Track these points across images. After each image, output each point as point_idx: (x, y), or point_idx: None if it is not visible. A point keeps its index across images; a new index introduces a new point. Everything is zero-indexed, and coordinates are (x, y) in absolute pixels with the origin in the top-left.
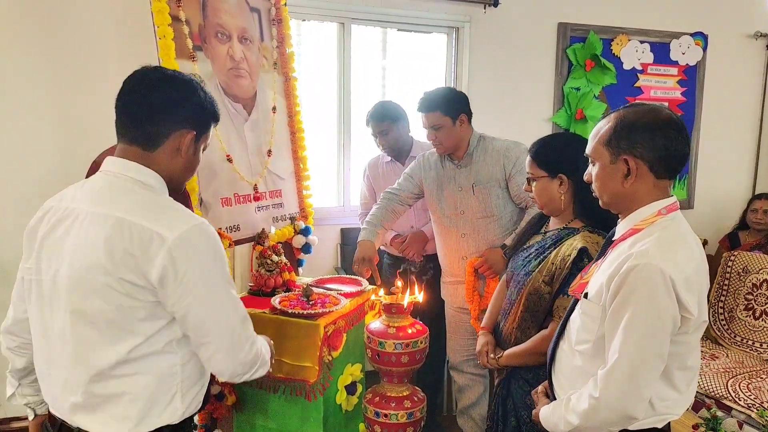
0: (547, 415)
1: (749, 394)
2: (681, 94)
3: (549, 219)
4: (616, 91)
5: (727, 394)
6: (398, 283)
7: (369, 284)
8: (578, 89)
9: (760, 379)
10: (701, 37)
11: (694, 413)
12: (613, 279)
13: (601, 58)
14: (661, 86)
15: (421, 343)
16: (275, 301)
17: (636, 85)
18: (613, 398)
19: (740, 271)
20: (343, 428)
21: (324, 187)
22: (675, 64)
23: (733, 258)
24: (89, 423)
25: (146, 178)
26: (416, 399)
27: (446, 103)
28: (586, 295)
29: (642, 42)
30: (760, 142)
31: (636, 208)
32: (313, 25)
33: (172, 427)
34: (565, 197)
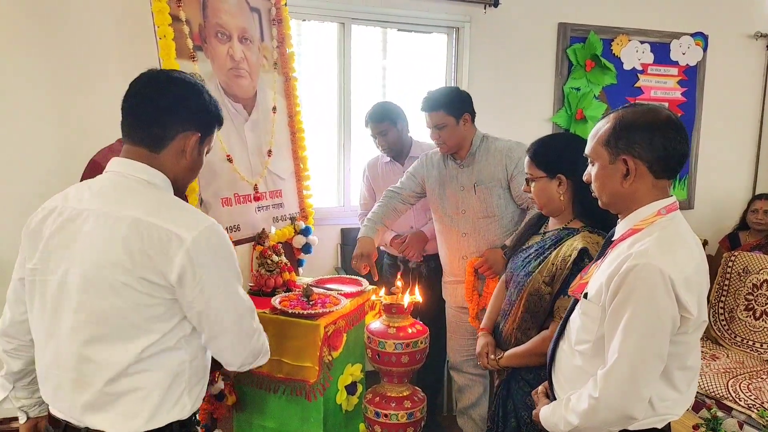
0: (547, 416)
1: (750, 394)
2: (681, 94)
3: (548, 219)
4: (617, 91)
5: (728, 395)
6: (398, 283)
7: (368, 282)
8: (578, 89)
9: (760, 380)
10: (701, 38)
11: (694, 413)
12: (613, 279)
13: (602, 59)
14: (661, 86)
15: (422, 343)
16: (275, 301)
17: (636, 86)
18: (613, 398)
19: (740, 271)
20: (344, 428)
21: (324, 187)
22: (675, 64)
23: (734, 258)
24: (101, 421)
25: (154, 178)
26: (416, 399)
27: (450, 103)
28: (586, 296)
29: (642, 42)
30: (761, 142)
31: (635, 208)
32: (313, 25)
33: (181, 422)
34: (564, 197)
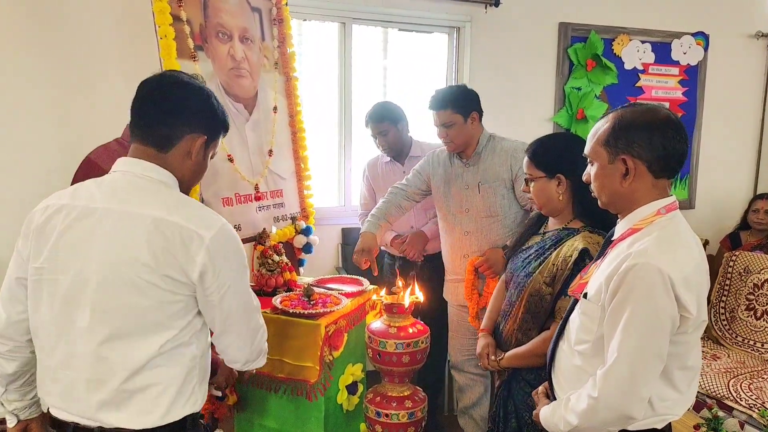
0: (547, 416)
1: (750, 394)
2: (682, 94)
3: (547, 219)
4: (618, 90)
5: (729, 395)
6: (399, 282)
7: (368, 280)
8: (579, 89)
9: (761, 380)
10: (702, 37)
11: (695, 413)
12: (612, 278)
13: (602, 58)
14: (662, 86)
15: (422, 343)
16: (276, 301)
17: (637, 85)
18: (612, 398)
19: (741, 271)
20: (344, 428)
21: (325, 187)
22: (676, 63)
23: (735, 258)
24: (117, 419)
25: (165, 178)
26: (417, 399)
27: (457, 101)
28: (586, 295)
29: (643, 42)
30: (762, 142)
31: (635, 208)
32: (314, 25)
33: (193, 416)
34: (563, 197)
